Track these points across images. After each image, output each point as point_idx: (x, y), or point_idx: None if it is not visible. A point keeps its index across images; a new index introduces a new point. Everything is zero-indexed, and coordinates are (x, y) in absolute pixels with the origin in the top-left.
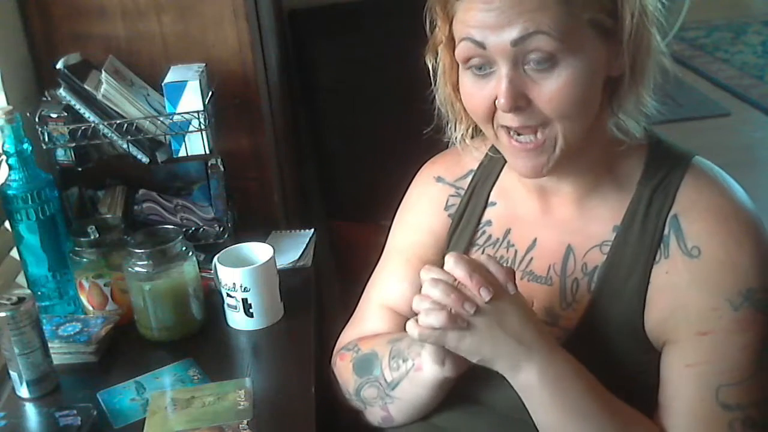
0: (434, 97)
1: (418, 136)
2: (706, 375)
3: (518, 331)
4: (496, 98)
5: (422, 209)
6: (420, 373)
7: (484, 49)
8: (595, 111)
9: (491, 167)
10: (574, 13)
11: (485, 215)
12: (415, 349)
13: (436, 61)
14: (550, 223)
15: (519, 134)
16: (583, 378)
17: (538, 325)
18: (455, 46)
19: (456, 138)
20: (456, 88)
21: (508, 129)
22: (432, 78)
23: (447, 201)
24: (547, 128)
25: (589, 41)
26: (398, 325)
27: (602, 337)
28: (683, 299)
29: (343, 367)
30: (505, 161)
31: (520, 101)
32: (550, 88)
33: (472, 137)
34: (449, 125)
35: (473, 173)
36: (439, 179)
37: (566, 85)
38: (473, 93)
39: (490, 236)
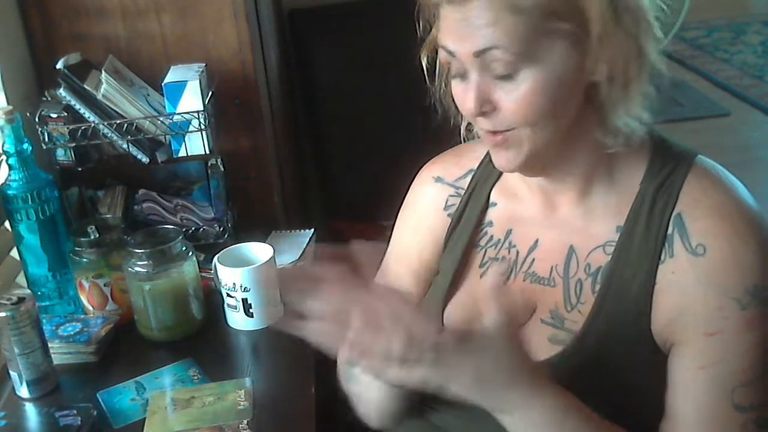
0: (433, 93)
1: (418, 135)
2: (719, 377)
3: (491, 375)
4: None
5: (421, 209)
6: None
7: (454, 57)
8: (568, 116)
9: (492, 167)
10: (530, 24)
11: (486, 216)
12: None
13: (428, 60)
14: (552, 224)
15: None
16: (569, 419)
17: (519, 365)
18: None
19: (464, 130)
20: None
21: None
22: (427, 75)
23: (446, 201)
24: (514, 131)
25: (555, 49)
26: None
27: (608, 339)
28: (690, 299)
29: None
30: None
31: (486, 107)
32: (514, 97)
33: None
34: (455, 118)
35: (473, 173)
36: (438, 179)
37: (528, 94)
38: (457, 94)
39: (491, 237)
